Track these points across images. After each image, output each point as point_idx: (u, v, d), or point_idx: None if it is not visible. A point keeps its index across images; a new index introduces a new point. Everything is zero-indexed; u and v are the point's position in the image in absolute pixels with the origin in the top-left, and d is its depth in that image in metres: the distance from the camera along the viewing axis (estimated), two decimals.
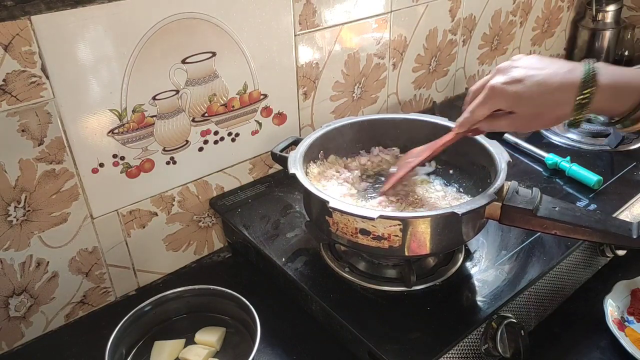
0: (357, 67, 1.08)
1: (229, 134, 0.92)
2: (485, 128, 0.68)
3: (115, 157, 0.79)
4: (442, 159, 0.87)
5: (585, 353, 0.75)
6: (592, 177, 0.93)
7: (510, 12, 1.39)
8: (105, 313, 0.86)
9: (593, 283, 0.87)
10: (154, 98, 0.80)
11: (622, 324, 0.78)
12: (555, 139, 1.10)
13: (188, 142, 0.87)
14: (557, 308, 0.82)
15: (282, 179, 1.00)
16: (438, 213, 0.68)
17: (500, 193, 0.70)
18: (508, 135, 1.07)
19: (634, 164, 1.00)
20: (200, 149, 0.89)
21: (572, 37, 1.63)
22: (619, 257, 0.88)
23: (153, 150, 0.83)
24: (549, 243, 0.81)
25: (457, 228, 0.69)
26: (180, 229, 0.92)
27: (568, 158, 0.99)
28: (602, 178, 0.93)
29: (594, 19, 1.52)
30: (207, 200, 0.94)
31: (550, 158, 1.00)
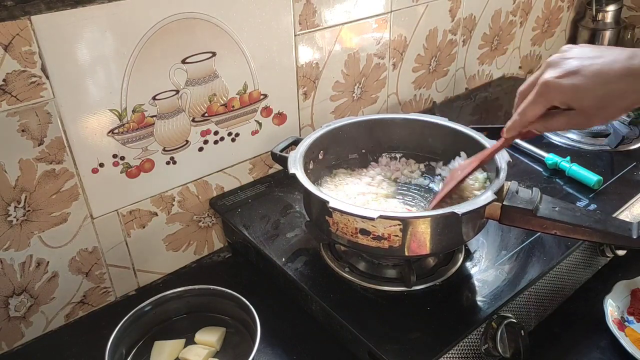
0: (357, 67, 1.08)
1: (229, 134, 0.92)
2: (540, 129, 0.63)
3: (115, 157, 0.79)
4: (443, 160, 0.87)
5: (585, 353, 0.75)
6: (592, 177, 0.93)
7: (510, 12, 1.39)
8: (105, 313, 0.86)
9: (593, 283, 0.87)
10: (154, 98, 0.80)
11: (622, 324, 0.78)
12: (555, 139, 1.10)
13: (188, 142, 0.87)
14: (557, 308, 0.82)
15: (282, 179, 1.00)
16: (438, 213, 0.67)
17: (500, 193, 0.70)
18: None
19: (634, 164, 1.00)
20: (200, 149, 0.89)
21: (572, 37, 1.63)
22: (619, 257, 0.88)
23: (153, 150, 0.83)
24: (549, 243, 0.81)
25: (457, 228, 0.69)
26: (180, 229, 0.92)
27: (568, 158, 0.99)
28: (602, 178, 0.93)
29: (594, 19, 1.52)
30: (207, 200, 0.94)
31: (550, 158, 1.00)
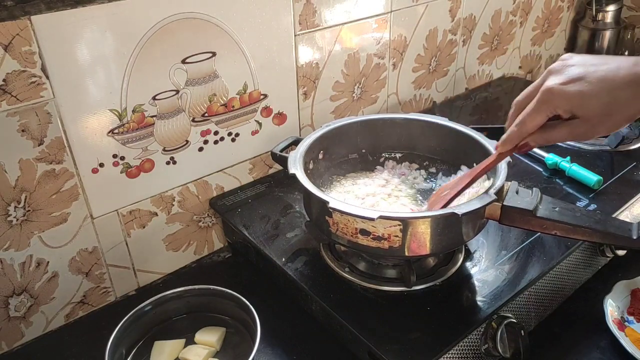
0: (357, 67, 1.08)
1: (229, 134, 0.92)
2: (539, 141, 0.59)
3: (115, 157, 0.79)
4: (443, 159, 0.88)
5: (585, 353, 0.75)
6: (592, 177, 0.93)
7: (510, 12, 1.39)
8: (105, 313, 0.86)
9: (593, 283, 0.87)
10: (154, 98, 0.80)
11: (622, 324, 0.78)
12: None
13: (188, 142, 0.87)
14: (557, 308, 0.82)
15: (282, 179, 1.00)
16: (438, 213, 0.67)
17: (500, 193, 0.70)
18: None
19: (634, 164, 1.00)
20: (200, 149, 0.89)
21: (572, 37, 1.63)
22: (619, 257, 0.88)
23: (153, 150, 0.83)
24: (549, 243, 0.81)
25: (457, 228, 0.69)
26: (180, 229, 0.92)
27: (568, 158, 0.99)
28: (602, 178, 0.93)
29: (594, 19, 1.52)
30: (207, 200, 0.94)
31: (550, 158, 1.00)
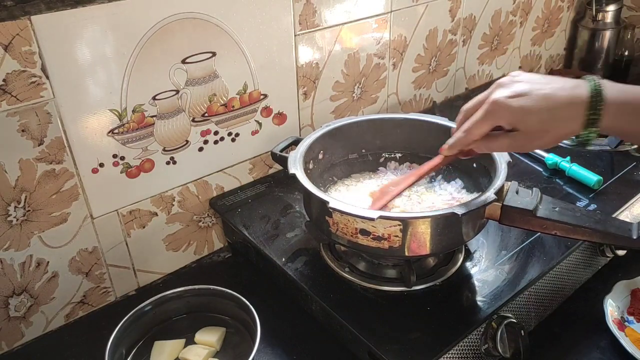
0: (357, 67, 1.08)
1: (229, 134, 0.92)
2: (482, 149, 0.63)
3: (115, 157, 0.79)
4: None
5: (585, 353, 0.75)
6: (592, 177, 0.93)
7: (510, 12, 1.39)
8: (105, 313, 0.86)
9: (593, 283, 0.87)
10: (154, 98, 0.80)
11: (622, 324, 0.78)
12: None
13: (188, 142, 0.87)
14: (557, 308, 0.82)
15: (282, 179, 1.00)
16: (438, 213, 0.67)
17: (500, 193, 0.70)
18: None
19: (634, 164, 1.00)
20: (200, 149, 0.89)
21: (572, 37, 1.63)
22: (619, 257, 0.88)
23: (153, 150, 0.83)
24: (549, 243, 0.81)
25: (457, 228, 0.69)
26: (180, 229, 0.92)
27: (568, 158, 0.99)
28: (602, 178, 0.93)
29: (594, 19, 1.52)
30: (207, 200, 0.94)
31: (550, 158, 1.00)
